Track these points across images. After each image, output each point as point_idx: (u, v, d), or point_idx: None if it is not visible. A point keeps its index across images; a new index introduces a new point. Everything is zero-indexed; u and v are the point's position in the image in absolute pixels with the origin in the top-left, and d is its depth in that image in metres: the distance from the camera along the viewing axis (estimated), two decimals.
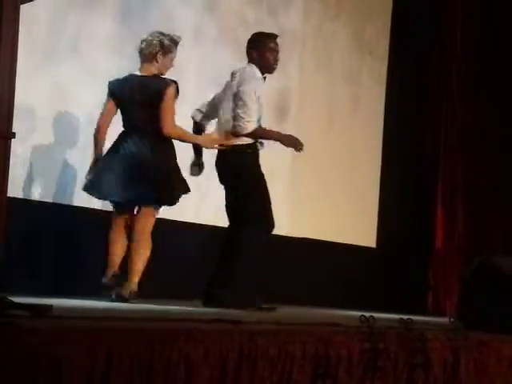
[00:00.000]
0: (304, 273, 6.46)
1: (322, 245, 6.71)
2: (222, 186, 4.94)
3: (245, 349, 2.69)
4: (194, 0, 5.91)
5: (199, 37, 5.94)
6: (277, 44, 5.01)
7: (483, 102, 7.52)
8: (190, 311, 3.98)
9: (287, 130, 6.55)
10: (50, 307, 2.51)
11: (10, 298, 2.47)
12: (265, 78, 5.00)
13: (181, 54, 5.79)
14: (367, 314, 3.29)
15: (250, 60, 4.97)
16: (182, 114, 5.75)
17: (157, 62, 4.63)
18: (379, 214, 7.32)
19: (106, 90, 4.76)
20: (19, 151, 4.62)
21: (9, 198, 2.67)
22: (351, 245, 6.97)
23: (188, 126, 5.08)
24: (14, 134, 2.53)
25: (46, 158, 5.10)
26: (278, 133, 5.07)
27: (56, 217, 5.04)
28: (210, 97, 5.10)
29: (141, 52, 4.66)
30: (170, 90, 4.58)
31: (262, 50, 4.92)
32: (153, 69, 4.64)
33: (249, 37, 5.09)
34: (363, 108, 7.24)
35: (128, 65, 5.46)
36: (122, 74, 5.43)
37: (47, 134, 5.10)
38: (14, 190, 4.54)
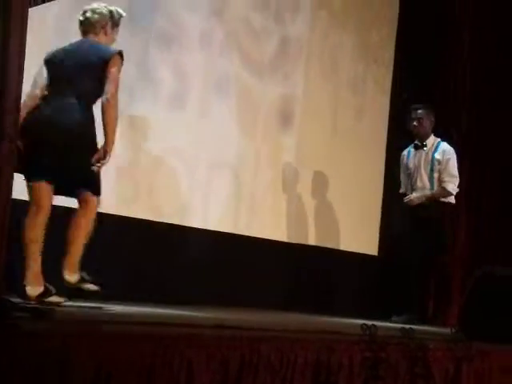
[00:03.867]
0: (304, 280, 6.46)
1: (323, 252, 6.70)
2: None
3: (246, 355, 2.69)
4: (200, 5, 5.92)
5: (205, 41, 5.95)
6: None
7: (489, 111, 7.50)
8: (192, 316, 3.98)
9: (291, 137, 6.59)
10: (52, 310, 2.51)
11: (13, 300, 2.47)
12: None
13: (186, 57, 5.82)
14: (369, 323, 3.28)
15: None
16: (184, 119, 5.80)
17: (105, 34, 4.18)
18: (381, 221, 7.32)
19: None
20: None
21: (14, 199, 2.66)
22: (353, 252, 6.96)
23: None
24: None
25: None
26: None
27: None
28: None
29: (86, 21, 4.13)
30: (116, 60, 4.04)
31: None
32: (100, 40, 4.14)
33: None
34: (367, 116, 7.24)
35: (135, 72, 5.48)
36: (126, 78, 5.45)
37: None
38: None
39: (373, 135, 7.29)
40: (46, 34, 4.96)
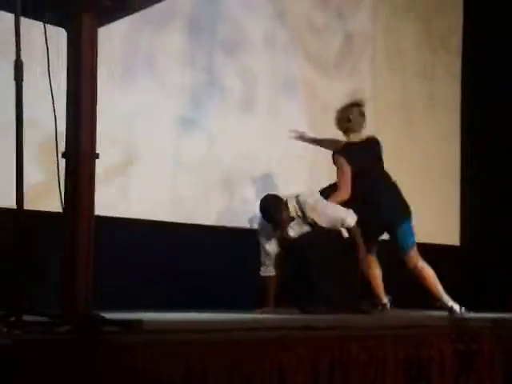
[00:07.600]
0: (389, 275, 6.39)
1: None
2: None
3: (336, 354, 2.67)
4: (262, 8, 5.93)
5: (269, 44, 5.96)
6: None
7: None
8: (279, 319, 3.98)
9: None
10: (140, 322, 2.53)
11: (101, 314, 2.50)
12: None
13: (252, 60, 5.84)
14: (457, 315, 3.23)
15: None
16: (254, 122, 5.81)
17: None
18: (461, 210, 7.20)
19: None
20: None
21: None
22: (434, 244, 6.85)
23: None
24: (98, 154, 2.56)
25: (126, 175, 5.18)
26: None
27: (139, 232, 5.12)
28: None
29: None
30: None
31: None
32: None
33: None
34: (439, 104, 7.14)
35: (200, 76, 5.53)
36: (196, 86, 5.51)
37: (126, 152, 5.18)
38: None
39: (447, 121, 7.19)
40: (114, 50, 5.04)
